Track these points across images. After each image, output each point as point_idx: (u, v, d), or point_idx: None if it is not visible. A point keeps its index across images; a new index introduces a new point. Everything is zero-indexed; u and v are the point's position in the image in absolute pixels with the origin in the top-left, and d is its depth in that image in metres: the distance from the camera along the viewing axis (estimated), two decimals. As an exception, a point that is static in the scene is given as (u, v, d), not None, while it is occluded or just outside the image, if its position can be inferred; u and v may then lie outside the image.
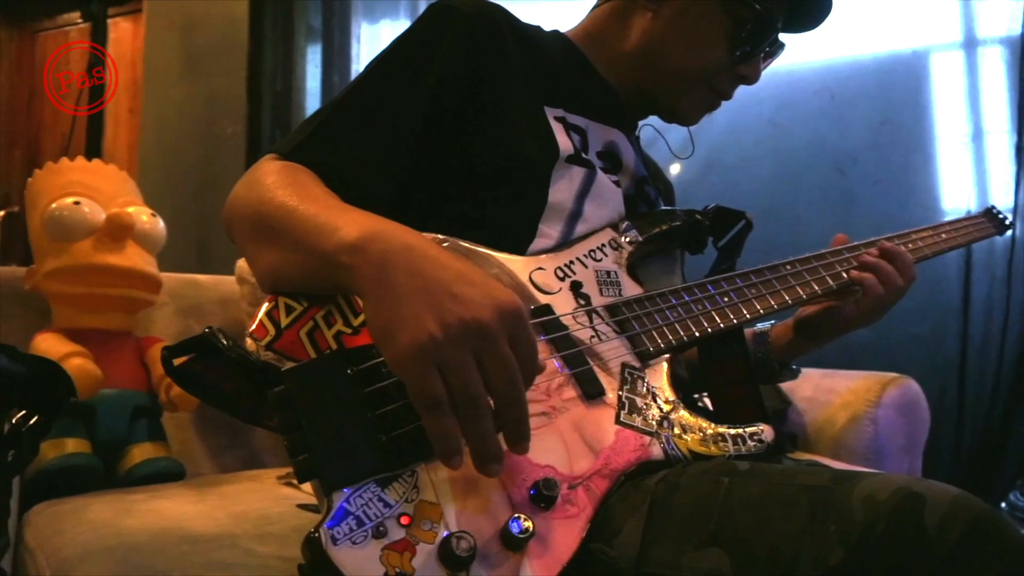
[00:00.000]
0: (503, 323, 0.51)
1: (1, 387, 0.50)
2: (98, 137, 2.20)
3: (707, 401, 0.83)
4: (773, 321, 0.95)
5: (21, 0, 3.16)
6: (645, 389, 0.68)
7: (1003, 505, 1.59)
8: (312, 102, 2.52)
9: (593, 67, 0.90)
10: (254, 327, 0.59)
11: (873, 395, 1.30)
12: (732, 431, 0.69)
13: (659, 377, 0.70)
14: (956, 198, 1.97)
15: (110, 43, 2.91)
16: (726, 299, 0.80)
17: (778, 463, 0.71)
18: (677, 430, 0.67)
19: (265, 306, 0.62)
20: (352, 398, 0.55)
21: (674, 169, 2.36)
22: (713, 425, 0.69)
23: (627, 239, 0.81)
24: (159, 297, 1.25)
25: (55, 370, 0.55)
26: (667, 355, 0.72)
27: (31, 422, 0.52)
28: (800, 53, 2.10)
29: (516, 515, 0.52)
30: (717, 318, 0.77)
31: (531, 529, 0.52)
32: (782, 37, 0.90)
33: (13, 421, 0.51)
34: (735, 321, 0.78)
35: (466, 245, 0.70)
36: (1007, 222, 1.10)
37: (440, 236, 0.69)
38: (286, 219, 0.62)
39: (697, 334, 0.75)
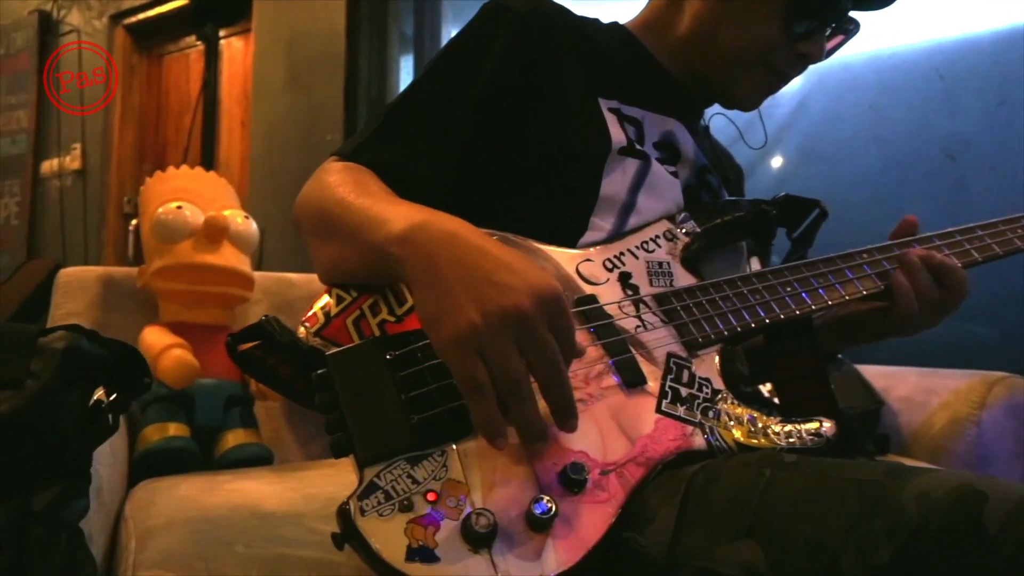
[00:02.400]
0: (542, 308, 0.53)
1: (84, 368, 0.56)
2: (211, 148, 2.37)
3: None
4: None
5: (149, 28, 3.47)
6: (691, 379, 0.67)
7: None
8: (405, 108, 2.61)
9: (652, 56, 0.89)
10: (307, 316, 0.63)
11: (977, 396, 1.21)
12: (786, 424, 0.67)
13: (707, 367, 0.69)
14: (1089, 183, 1.79)
15: (224, 61, 3.14)
16: (788, 289, 0.77)
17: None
18: (723, 420, 0.65)
19: (321, 298, 0.66)
20: (388, 381, 0.58)
21: (776, 162, 2.28)
22: (764, 417, 0.67)
23: (684, 230, 0.80)
24: (254, 294, 1.33)
25: (132, 353, 0.61)
26: (717, 345, 0.71)
27: (111, 399, 0.58)
28: (904, 34, 1.98)
29: (540, 496, 0.53)
30: (776, 308, 0.75)
31: (554, 510, 0.53)
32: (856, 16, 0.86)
33: (95, 398, 0.57)
34: (797, 312, 0.75)
35: (515, 239, 0.72)
36: None
37: (490, 231, 0.71)
38: (342, 214, 0.66)
39: (752, 324, 0.73)
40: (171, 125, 3.44)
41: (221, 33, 2.71)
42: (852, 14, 0.86)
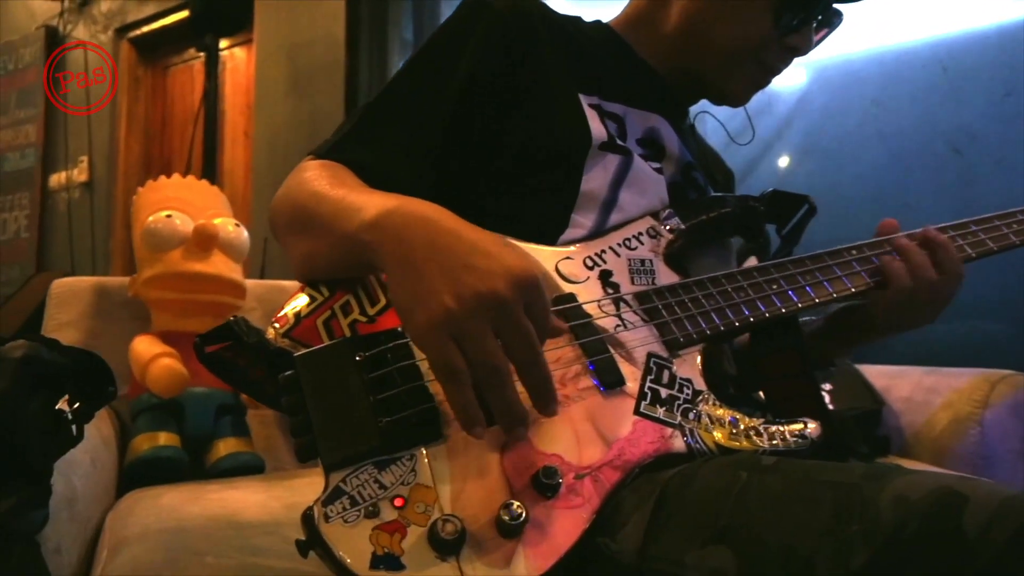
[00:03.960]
0: (518, 292, 0.52)
1: (44, 377, 0.55)
2: (214, 158, 2.38)
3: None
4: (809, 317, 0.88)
5: (153, 41, 3.50)
6: (671, 379, 0.65)
7: None
8: (405, 113, 2.61)
9: (635, 53, 0.88)
10: (277, 316, 0.62)
11: (980, 395, 1.18)
12: (770, 426, 0.65)
13: (689, 367, 0.67)
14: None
15: (227, 72, 3.15)
16: (774, 286, 0.75)
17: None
18: (704, 422, 0.63)
19: (294, 298, 0.65)
20: (357, 383, 0.56)
21: (778, 159, 2.25)
22: (747, 419, 0.65)
23: (668, 227, 0.78)
24: (247, 302, 1.32)
25: (97, 362, 0.60)
26: (700, 345, 0.69)
27: (74, 408, 0.57)
28: (906, 30, 1.96)
29: (510, 501, 0.51)
30: (761, 306, 0.73)
31: (525, 516, 0.51)
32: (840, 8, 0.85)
33: (58, 407, 0.56)
34: (783, 310, 0.73)
35: (494, 236, 0.70)
36: None
37: None
38: (316, 207, 0.65)
39: (736, 323, 0.71)
40: (176, 136, 3.46)
41: (224, 43, 2.72)
42: (836, 6, 0.84)
